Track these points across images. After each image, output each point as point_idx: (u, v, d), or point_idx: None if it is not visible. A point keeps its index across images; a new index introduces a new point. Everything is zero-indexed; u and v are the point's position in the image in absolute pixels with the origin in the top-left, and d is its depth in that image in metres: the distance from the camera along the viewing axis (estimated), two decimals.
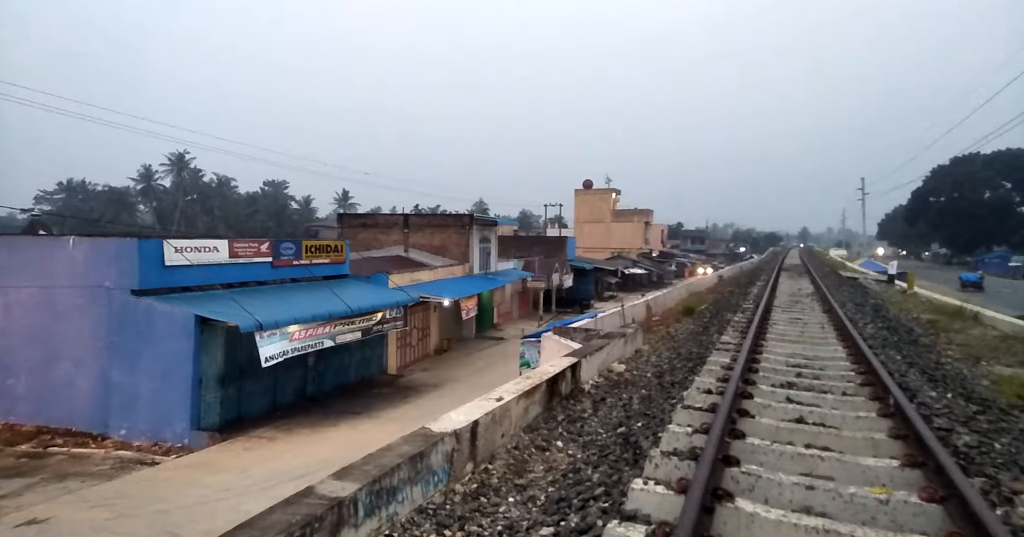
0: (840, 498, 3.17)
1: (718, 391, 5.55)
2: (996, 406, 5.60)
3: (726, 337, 9.13)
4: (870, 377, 6.06)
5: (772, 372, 6.60)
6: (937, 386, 6.32)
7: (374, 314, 15.33)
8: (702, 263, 64.08)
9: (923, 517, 2.91)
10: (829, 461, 3.81)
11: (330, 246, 17.35)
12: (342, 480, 3.16)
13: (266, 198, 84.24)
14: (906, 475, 3.50)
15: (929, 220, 77.87)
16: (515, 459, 4.64)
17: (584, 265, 39.87)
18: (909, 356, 8.15)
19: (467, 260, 25.29)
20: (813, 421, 4.77)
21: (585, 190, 64.47)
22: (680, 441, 4.20)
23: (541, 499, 3.75)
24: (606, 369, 8.22)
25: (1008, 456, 3.93)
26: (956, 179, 72.82)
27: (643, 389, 6.83)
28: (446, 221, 27.32)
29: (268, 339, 11.74)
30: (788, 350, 8.03)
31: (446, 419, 4.40)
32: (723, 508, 3.00)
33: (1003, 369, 8.06)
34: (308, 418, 13.22)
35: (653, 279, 51.47)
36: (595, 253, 53.53)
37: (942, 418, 4.79)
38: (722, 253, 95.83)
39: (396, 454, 3.58)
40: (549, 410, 6.02)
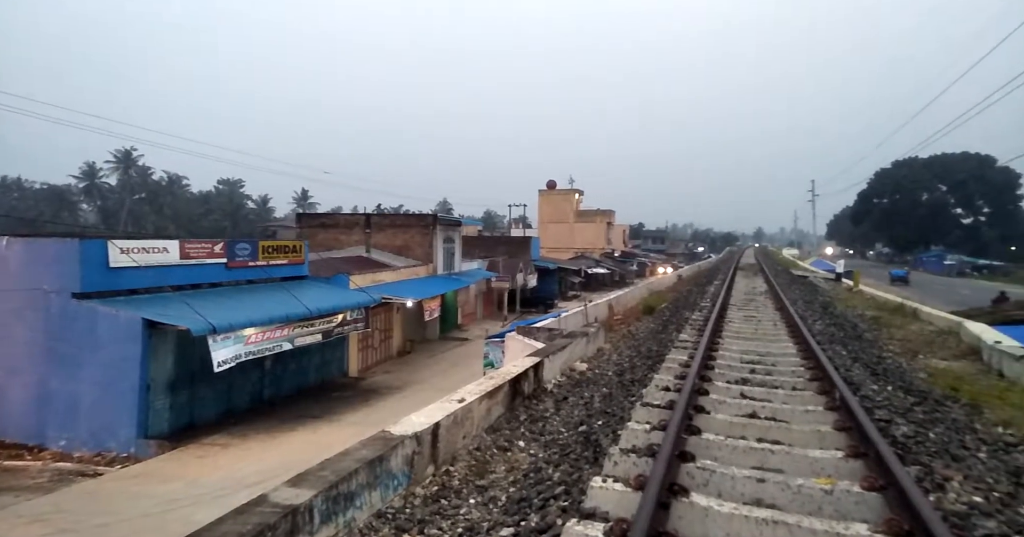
0: (789, 489, 3.29)
1: (676, 388, 5.68)
2: (931, 397, 5.93)
3: (684, 335, 9.36)
4: (818, 372, 6.32)
5: (727, 369, 6.80)
6: (879, 379, 6.64)
7: (334, 316, 15.02)
8: (662, 263, 65.52)
9: (864, 505, 3.05)
10: (779, 454, 3.94)
11: (288, 246, 16.91)
12: (297, 487, 3.08)
13: (220, 197, 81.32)
14: (850, 465, 3.66)
15: (873, 221, 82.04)
16: (477, 460, 4.63)
17: (548, 265, 40.16)
18: (854, 351, 8.54)
19: (431, 260, 25.08)
20: (765, 416, 4.94)
21: (549, 190, 64.95)
22: (639, 438, 4.28)
23: (502, 499, 3.75)
24: (569, 368, 8.30)
25: (941, 445, 4.17)
26: (897, 182, 76.96)
27: (604, 387, 6.92)
28: (409, 221, 27.03)
29: (222, 343, 11.34)
30: (743, 347, 8.29)
31: (407, 422, 4.35)
32: (678, 503, 3.07)
33: (938, 362, 8.55)
34: (265, 423, 12.84)
35: (615, 278, 52.29)
36: (559, 253, 53.97)
37: (883, 410, 5.04)
38: (682, 253, 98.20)
39: (354, 458, 3.51)
40: (512, 410, 6.03)
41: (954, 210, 76.57)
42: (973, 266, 59.91)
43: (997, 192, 70.89)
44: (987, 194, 71.92)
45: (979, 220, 74.53)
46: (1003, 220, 71.10)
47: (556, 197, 64.45)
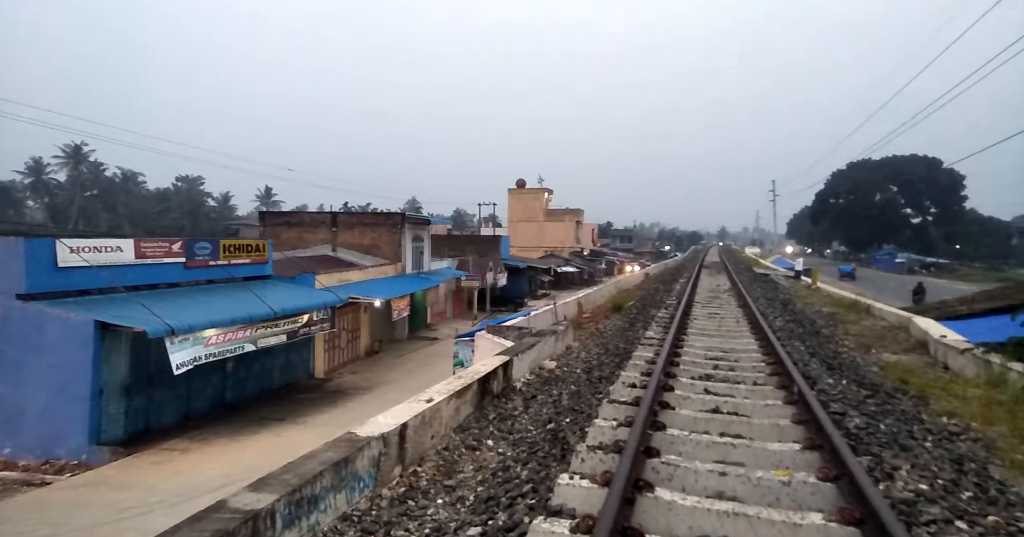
0: (749, 482, 3.38)
1: (642, 385, 5.77)
2: (883, 390, 6.19)
3: (650, 332, 9.51)
4: (778, 368, 6.51)
5: (692, 365, 6.94)
6: (834, 374, 6.89)
7: (300, 316, 14.70)
8: (630, 261, 66.45)
9: (819, 495, 3.17)
10: (741, 448, 4.05)
11: (251, 245, 16.46)
12: (258, 491, 3.00)
13: (179, 195, 78.45)
14: (806, 457, 3.79)
15: (830, 220, 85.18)
16: (445, 460, 4.60)
17: (518, 264, 40.25)
18: (812, 346, 8.84)
19: (399, 259, 24.82)
20: (727, 410, 5.06)
21: (518, 189, 65.04)
22: (605, 435, 4.33)
23: (470, 499, 3.74)
24: (537, 366, 8.34)
25: (890, 436, 4.36)
26: (852, 183, 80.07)
27: (572, 385, 6.98)
28: (377, 220, 26.66)
29: (180, 345, 10.96)
30: (707, 343, 8.48)
31: (373, 423, 4.29)
32: (643, 498, 3.12)
33: (889, 356, 8.93)
34: (226, 427, 12.47)
35: (584, 277, 52.81)
36: (529, 252, 54.14)
37: (837, 403, 5.23)
38: (649, 251, 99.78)
39: (319, 461, 3.45)
40: (480, 409, 6.02)
41: (904, 210, 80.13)
42: (922, 264, 62.87)
43: (943, 193, 74.53)
44: (934, 195, 75.52)
45: (927, 220, 78.20)
46: (948, 220, 74.83)
47: (526, 196, 64.60)
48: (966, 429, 4.94)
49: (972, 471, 3.80)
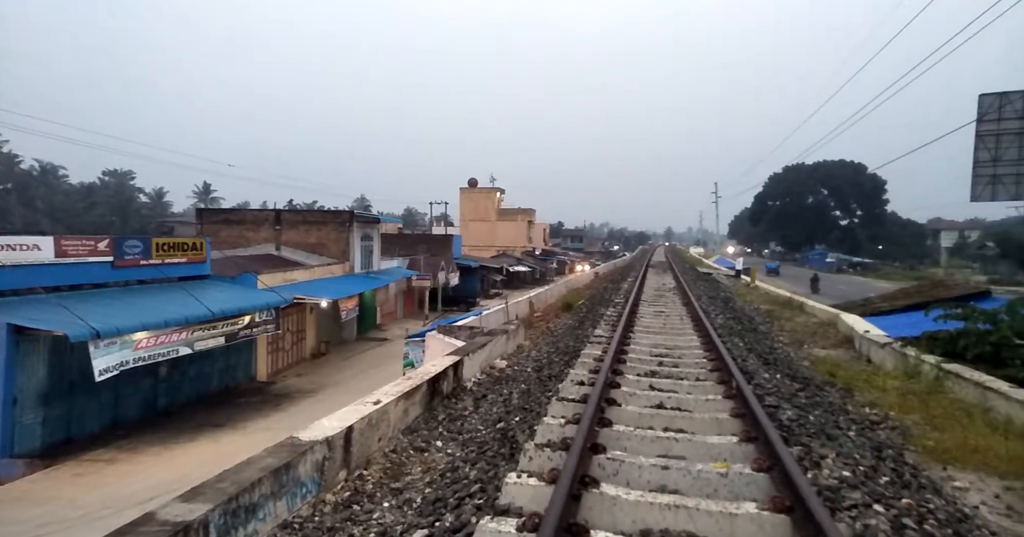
0: (690, 475, 3.50)
1: (590, 382, 5.87)
2: (813, 383, 6.57)
3: (599, 331, 9.70)
4: (719, 363, 6.77)
5: (638, 362, 7.12)
6: (770, 368, 7.25)
7: (240, 317, 14.10)
8: (581, 260, 67.47)
9: (754, 485, 3.32)
10: (683, 442, 4.19)
11: (187, 244, 15.64)
12: (191, 502, 2.85)
13: (106, 190, 73.33)
14: (743, 449, 3.96)
15: (768, 221, 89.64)
16: (392, 463, 4.53)
17: (470, 263, 40.10)
18: (750, 343, 9.26)
19: (347, 259, 24.22)
20: (671, 406, 5.22)
21: (470, 189, 64.85)
22: (553, 433, 4.38)
23: (417, 501, 3.70)
24: (489, 366, 8.34)
25: (819, 426, 4.63)
26: (787, 186, 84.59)
27: (523, 384, 7.02)
28: (324, 218, 25.92)
29: (105, 349, 10.27)
30: (652, 341, 8.72)
31: (317, 426, 4.17)
32: (589, 494, 3.18)
33: (819, 351, 9.48)
34: (159, 434, 11.81)
35: (536, 276, 53.23)
36: (481, 251, 54.05)
37: (772, 397, 5.50)
38: (598, 251, 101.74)
39: (258, 468, 3.31)
40: (430, 410, 5.96)
41: (834, 212, 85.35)
42: (849, 263, 67.09)
43: (867, 197, 79.91)
44: (860, 198, 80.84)
45: (854, 222, 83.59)
46: (872, 222, 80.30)
47: (478, 195, 64.49)
48: (885, 418, 5.31)
49: (889, 457, 4.09)
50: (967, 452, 4.33)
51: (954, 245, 73.81)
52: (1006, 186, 14.51)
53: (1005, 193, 14.79)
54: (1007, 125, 14.02)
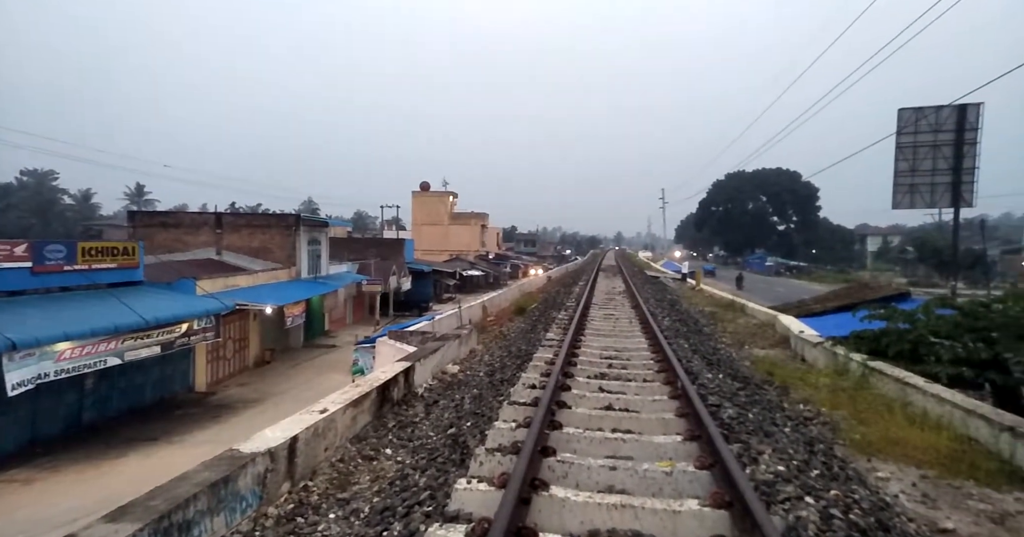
0: (636, 475, 3.59)
1: (541, 386, 5.92)
2: (752, 382, 6.87)
3: (551, 334, 9.80)
4: (665, 364, 6.98)
5: (588, 364, 7.24)
6: (713, 368, 7.53)
7: (177, 325, 13.39)
8: (534, 264, 68.02)
9: (697, 483, 3.44)
10: (630, 442, 4.29)
11: (117, 248, 14.73)
12: (117, 521, 2.68)
13: (24, 190, 67.96)
14: (687, 448, 4.10)
15: (711, 226, 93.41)
16: (339, 472, 4.41)
17: (423, 267, 39.67)
18: (695, 344, 9.59)
19: (294, 263, 23.46)
20: (619, 407, 5.33)
21: (423, 192, 64.25)
22: (504, 437, 4.39)
23: (365, 511, 3.62)
24: (441, 371, 8.27)
25: (757, 424, 4.85)
26: (729, 192, 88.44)
27: (475, 389, 7.00)
28: (269, 221, 25.02)
29: (20, 362, 9.52)
30: (602, 343, 8.89)
31: (259, 437, 4.00)
32: (539, 497, 3.20)
33: (759, 351, 9.93)
34: (84, 451, 11.03)
35: (490, 280, 53.21)
36: (434, 255, 53.58)
37: (715, 396, 5.72)
38: (551, 255, 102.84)
39: (193, 483, 3.15)
40: (379, 418, 5.85)
41: (772, 218, 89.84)
42: (786, 267, 70.71)
43: (802, 203, 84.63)
44: (795, 205, 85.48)
45: (790, 227, 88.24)
46: (807, 227, 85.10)
47: (430, 199, 63.96)
48: (817, 414, 5.62)
49: (820, 451, 4.34)
50: (889, 444, 4.64)
51: (878, 249, 79.28)
52: (922, 195, 15.70)
53: (922, 201, 16.02)
54: (922, 138, 15.19)
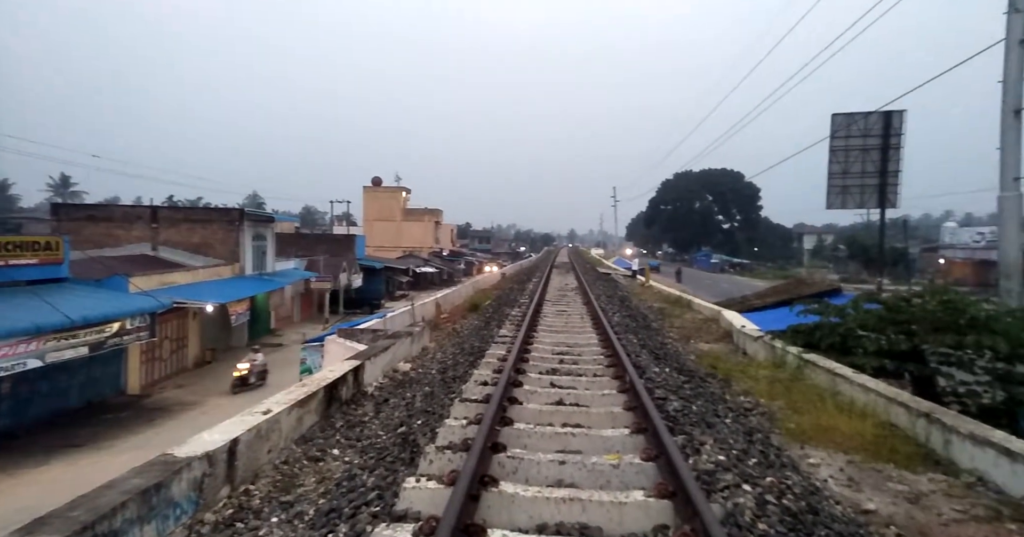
0: (585, 468, 3.65)
1: (493, 382, 5.93)
2: (697, 376, 7.12)
3: (504, 331, 9.83)
4: (614, 359, 7.14)
5: (540, 360, 7.31)
6: (660, 362, 7.75)
7: (107, 325, 12.60)
8: (488, 261, 67.99)
9: (642, 474, 3.53)
10: (580, 436, 4.36)
11: (39, 243, 13.69)
12: (33, 534, 2.49)
13: None
14: (634, 440, 4.20)
15: (660, 224, 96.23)
16: (283, 475, 4.27)
17: (374, 264, 38.94)
18: (643, 339, 9.84)
19: (237, 259, 22.52)
20: (570, 402, 5.42)
21: (374, 188, 63.03)
22: (455, 434, 4.37)
23: (310, 513, 3.51)
24: (392, 369, 8.13)
25: (700, 415, 5.03)
26: (677, 191, 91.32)
27: (427, 386, 6.93)
28: (210, 216, 23.92)
29: None
30: (554, 339, 9.00)
31: (197, 440, 3.82)
32: (488, 493, 3.20)
33: (704, 345, 10.30)
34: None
35: (444, 277, 52.85)
36: (386, 252, 52.72)
37: (661, 389, 5.89)
38: (506, 252, 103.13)
39: (120, 491, 2.97)
40: (327, 418, 5.69)
41: (717, 217, 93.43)
42: (730, 264, 73.75)
43: (745, 203, 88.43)
44: (739, 204, 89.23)
45: (734, 226, 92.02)
46: (750, 226, 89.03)
47: (382, 195, 62.81)
48: (756, 405, 5.89)
49: (758, 440, 4.54)
50: (820, 432, 4.91)
51: (814, 247, 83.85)
52: (853, 196, 16.69)
53: (852, 202, 17.02)
54: (853, 142, 16.14)
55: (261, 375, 17.20)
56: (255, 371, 16.81)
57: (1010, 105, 7.97)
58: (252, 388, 16.44)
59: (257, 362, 17.15)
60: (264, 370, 17.46)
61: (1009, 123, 7.99)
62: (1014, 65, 7.90)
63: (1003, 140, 8.07)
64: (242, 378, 16.42)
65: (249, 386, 16.45)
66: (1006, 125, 8.03)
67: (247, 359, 17.15)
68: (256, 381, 16.82)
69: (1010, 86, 7.97)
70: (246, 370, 16.57)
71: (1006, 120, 8.02)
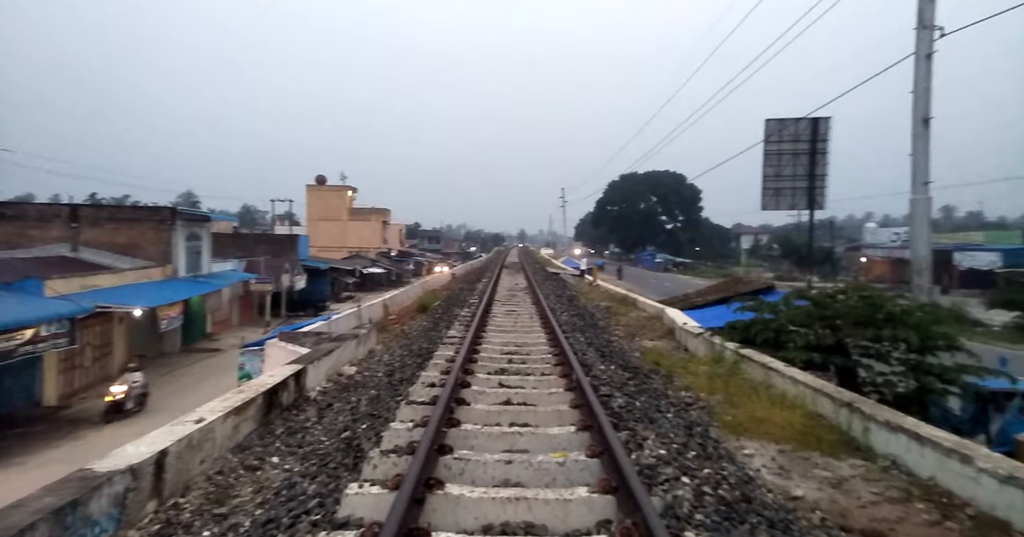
0: (531, 467, 3.67)
1: (440, 383, 5.87)
2: (641, 372, 7.31)
3: (453, 331, 9.76)
4: (562, 358, 7.22)
5: (489, 360, 7.31)
6: (606, 360, 7.91)
7: (19, 332, 11.61)
8: (438, 262, 67.34)
9: (587, 471, 3.59)
10: (527, 435, 4.38)
11: None
12: None
13: None
14: (580, 438, 4.26)
15: (608, 225, 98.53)
16: (218, 486, 4.07)
17: (319, 265, 37.78)
18: (590, 337, 10.01)
19: (169, 261, 21.29)
20: (518, 401, 5.44)
21: (319, 186, 61.17)
22: (401, 438, 4.29)
23: (245, 525, 3.36)
24: (336, 373, 7.92)
25: (643, 411, 5.18)
26: (623, 193, 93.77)
27: (373, 390, 6.78)
28: (139, 215, 22.53)
29: None
30: (503, 339, 9.01)
31: (120, 454, 3.58)
32: (433, 496, 3.17)
33: (648, 342, 10.60)
34: None
35: (392, 278, 51.90)
36: (331, 252, 51.27)
37: (606, 387, 6.01)
38: (456, 252, 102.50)
39: (30, 511, 2.74)
40: (266, 425, 5.47)
41: (661, 217, 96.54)
42: (674, 263, 76.38)
43: (687, 204, 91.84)
44: (681, 205, 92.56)
45: (677, 226, 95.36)
46: (692, 226, 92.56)
47: (327, 193, 61.05)
48: (696, 399, 6.11)
49: (697, 434, 4.72)
50: (754, 423, 5.16)
51: (751, 247, 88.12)
52: (785, 197, 17.64)
53: (785, 203, 18.00)
54: (785, 146, 17.07)
55: (140, 399, 14.51)
56: (133, 394, 14.12)
57: (920, 114, 8.64)
58: (129, 415, 13.85)
59: (136, 384, 14.39)
60: (144, 393, 14.78)
61: (919, 131, 8.67)
62: (923, 77, 8.58)
63: (914, 147, 8.74)
64: (116, 403, 13.65)
65: (125, 413, 13.78)
66: (917, 133, 8.70)
67: (122, 380, 14.34)
68: (134, 407, 14.15)
69: (920, 97, 8.64)
70: (122, 394, 13.81)
71: (917, 128, 8.69)
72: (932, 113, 8.61)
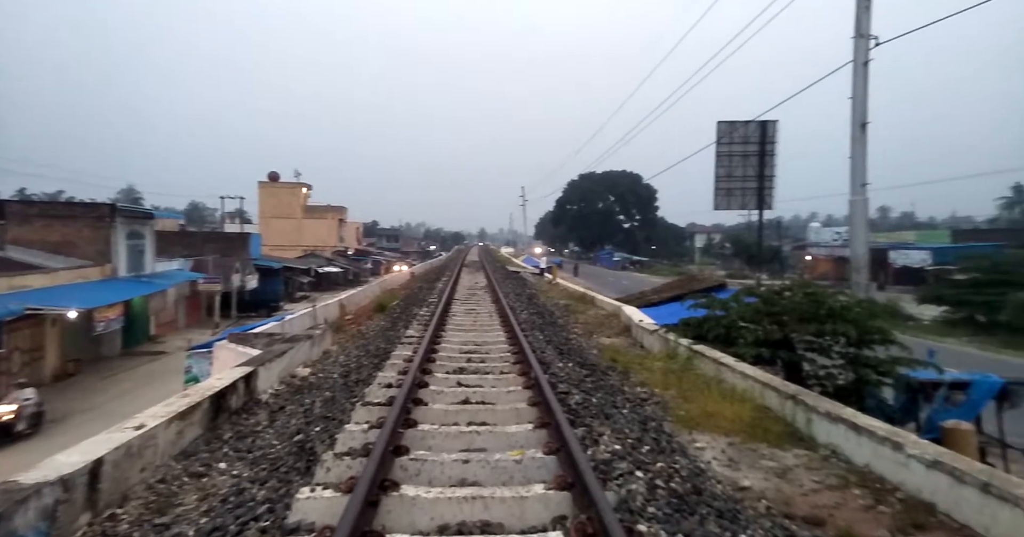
0: (488, 465, 3.67)
1: (397, 384, 5.79)
2: (599, 369, 7.42)
3: (411, 331, 9.65)
4: (521, 356, 7.25)
5: (447, 360, 7.26)
6: (564, 357, 7.99)
7: None
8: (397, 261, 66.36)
9: (544, 468, 3.62)
10: (484, 434, 4.37)
11: None
12: None
13: None
14: (537, 435, 4.29)
15: (567, 224, 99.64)
16: (159, 495, 3.88)
17: (272, 264, 36.67)
18: (549, 335, 10.09)
19: (108, 260, 20.17)
20: (476, 400, 5.42)
21: (271, 183, 59.26)
22: (356, 440, 4.21)
23: (189, 534, 3.21)
24: (289, 375, 7.70)
25: (600, 407, 5.26)
26: (582, 192, 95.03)
27: (327, 391, 6.62)
28: (74, 211, 21.29)
29: None
30: (462, 338, 8.97)
31: (49, 464, 3.36)
32: (388, 498, 3.12)
33: (605, 340, 10.77)
34: None
35: (349, 277, 50.83)
36: (285, 251, 49.75)
37: (564, 384, 6.07)
38: (415, 251, 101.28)
39: None
40: (213, 430, 5.26)
41: (619, 217, 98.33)
42: (631, 261, 77.94)
43: (644, 203, 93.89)
44: (638, 205, 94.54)
45: (634, 225, 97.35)
46: (648, 225, 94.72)
47: (280, 190, 59.23)
48: (651, 395, 6.25)
49: (652, 429, 4.83)
50: (706, 417, 5.33)
51: (704, 246, 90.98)
52: (736, 198, 18.25)
53: (736, 203, 18.62)
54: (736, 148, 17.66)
55: (34, 419, 13.00)
56: (24, 414, 12.57)
57: (858, 119, 9.12)
58: (20, 438, 12.36)
59: (28, 402, 12.83)
60: (39, 412, 13.23)
61: (857, 135, 9.15)
62: (860, 84, 9.06)
63: (853, 150, 9.22)
64: (5, 426, 12.17)
65: (15, 435, 12.29)
66: (855, 137, 9.18)
67: (10, 399, 12.74)
68: (26, 428, 12.63)
69: (858, 103, 9.12)
70: (11, 414, 12.25)
71: (855, 132, 9.17)
72: (869, 118, 9.10)
